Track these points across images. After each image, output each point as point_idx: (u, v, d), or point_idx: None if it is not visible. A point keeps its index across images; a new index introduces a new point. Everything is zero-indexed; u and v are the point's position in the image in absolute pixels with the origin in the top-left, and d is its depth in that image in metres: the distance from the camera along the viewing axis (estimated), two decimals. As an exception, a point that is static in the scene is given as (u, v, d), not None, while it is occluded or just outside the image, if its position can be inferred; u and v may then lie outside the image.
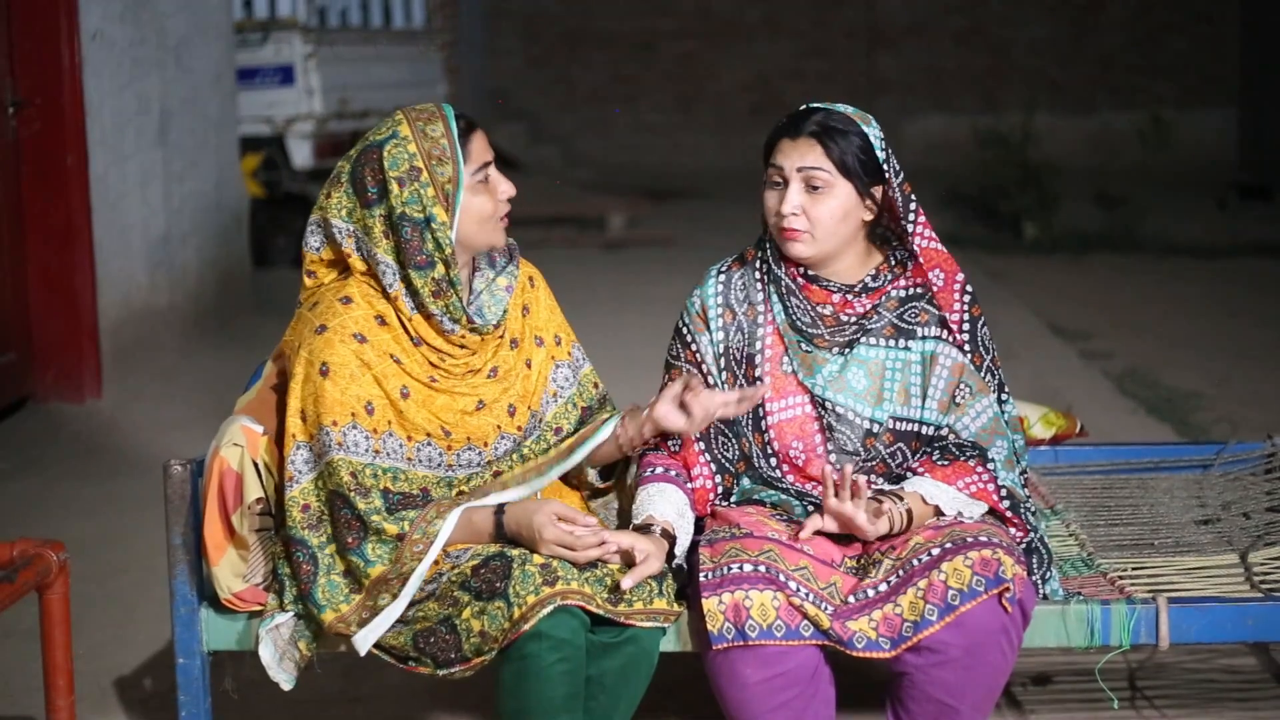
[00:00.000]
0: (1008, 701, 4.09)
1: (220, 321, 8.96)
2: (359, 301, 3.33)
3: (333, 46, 11.83)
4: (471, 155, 3.32)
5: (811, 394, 3.44)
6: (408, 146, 3.27)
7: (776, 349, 3.48)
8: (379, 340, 3.31)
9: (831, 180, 3.40)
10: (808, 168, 3.40)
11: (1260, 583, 3.63)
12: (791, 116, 3.48)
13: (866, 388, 3.44)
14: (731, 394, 3.38)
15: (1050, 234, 12.35)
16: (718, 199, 15.65)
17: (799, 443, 3.44)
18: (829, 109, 3.45)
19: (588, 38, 18.86)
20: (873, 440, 3.44)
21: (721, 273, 3.57)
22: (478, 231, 3.35)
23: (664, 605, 3.29)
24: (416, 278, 3.28)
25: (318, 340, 3.28)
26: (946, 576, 3.19)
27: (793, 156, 3.42)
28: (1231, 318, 9.63)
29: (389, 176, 3.26)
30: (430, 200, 3.26)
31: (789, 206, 3.41)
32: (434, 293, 3.29)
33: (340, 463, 3.24)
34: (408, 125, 3.30)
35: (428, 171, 3.26)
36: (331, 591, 3.28)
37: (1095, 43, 18.52)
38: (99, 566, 5.16)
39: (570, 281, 9.92)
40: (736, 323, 3.51)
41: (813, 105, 3.48)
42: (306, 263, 3.43)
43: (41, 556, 3.21)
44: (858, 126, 3.42)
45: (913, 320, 3.46)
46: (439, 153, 3.27)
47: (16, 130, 7.19)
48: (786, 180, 3.43)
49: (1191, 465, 4.47)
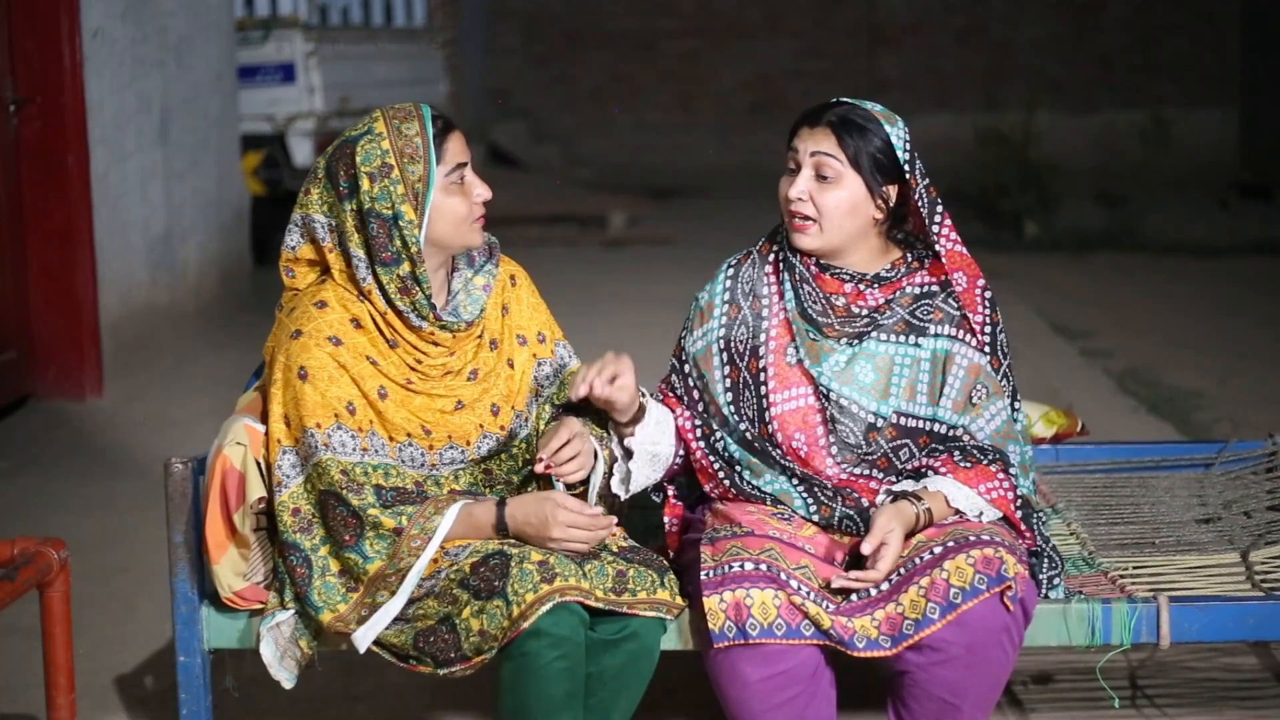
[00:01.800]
0: (1009, 700, 4.09)
1: (221, 320, 8.96)
2: (334, 305, 3.33)
3: (334, 45, 11.83)
4: (446, 156, 3.32)
5: (816, 385, 3.44)
6: (381, 143, 3.29)
7: (782, 339, 3.48)
8: (355, 343, 3.32)
9: (841, 171, 3.40)
10: (820, 153, 3.41)
11: (1261, 582, 3.63)
12: (817, 106, 3.50)
13: (873, 382, 3.43)
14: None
15: (1051, 233, 12.36)
16: (718, 198, 15.66)
17: (801, 434, 3.44)
18: (856, 104, 3.46)
19: (589, 36, 18.86)
20: (875, 434, 3.43)
21: (731, 267, 3.58)
22: (451, 232, 3.35)
23: (666, 597, 3.30)
24: (383, 274, 3.30)
25: (294, 345, 3.29)
26: (948, 574, 3.19)
27: (808, 142, 3.43)
28: (1232, 316, 9.63)
29: (360, 171, 3.28)
30: (399, 198, 3.27)
31: (796, 191, 3.42)
32: (400, 289, 3.31)
33: (330, 462, 3.24)
34: (384, 123, 3.32)
35: (399, 169, 3.28)
36: (327, 593, 3.28)
37: (1096, 42, 18.52)
38: (100, 564, 5.16)
39: (571, 280, 9.93)
40: (741, 316, 3.51)
41: (842, 99, 3.49)
42: (283, 260, 3.44)
43: (42, 554, 3.21)
44: (880, 126, 3.42)
45: (925, 317, 3.46)
46: (411, 151, 3.28)
47: (17, 129, 7.19)
48: (800, 166, 3.44)
49: (1193, 464, 4.46)
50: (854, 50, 18.62)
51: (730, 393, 3.49)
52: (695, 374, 3.54)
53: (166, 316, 8.31)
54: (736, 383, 3.49)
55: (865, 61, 18.54)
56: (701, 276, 3.63)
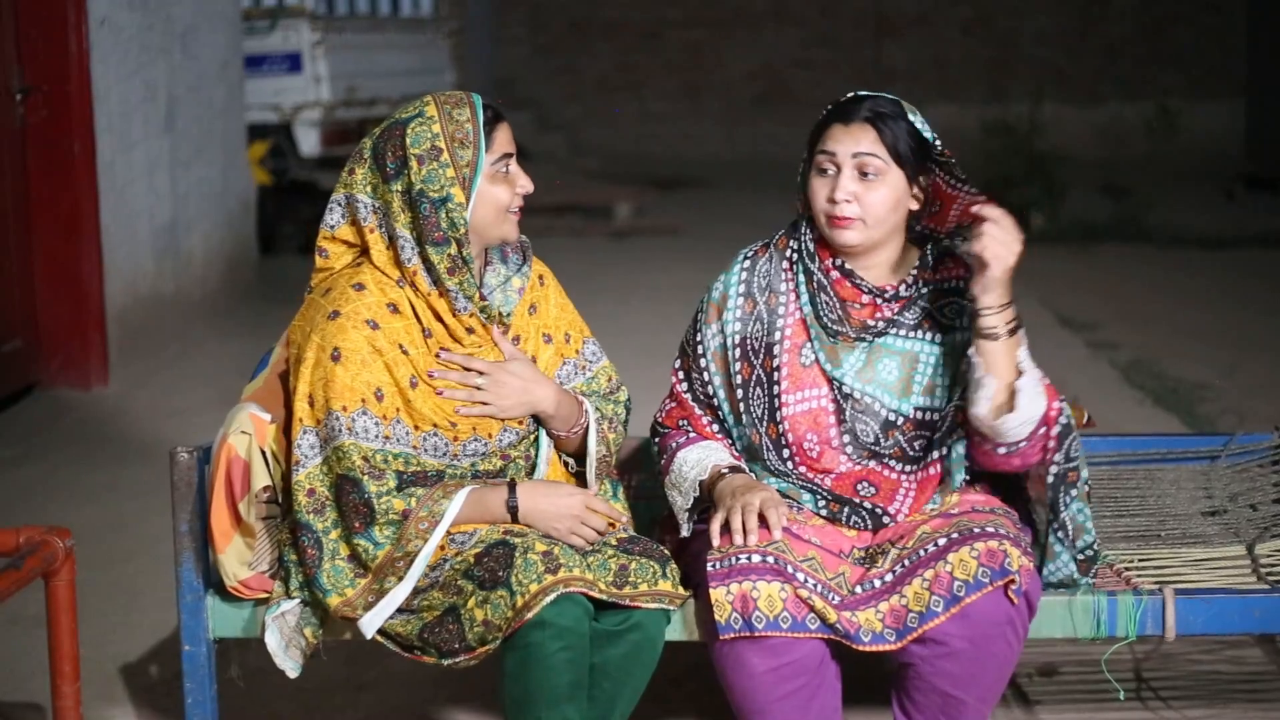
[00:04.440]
0: (1014, 693, 4.09)
1: (227, 309, 8.97)
2: (372, 288, 3.34)
3: (340, 34, 11.83)
4: (495, 144, 3.33)
5: (834, 385, 3.42)
6: (432, 126, 3.29)
7: (797, 339, 3.46)
8: (390, 328, 3.32)
9: (885, 167, 3.35)
10: (863, 153, 3.35)
11: (1267, 574, 3.63)
12: (841, 103, 3.42)
13: (897, 379, 3.42)
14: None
15: (1057, 224, 12.34)
16: (724, 188, 15.66)
17: (813, 435, 3.43)
18: (875, 95, 3.41)
19: (595, 26, 18.86)
20: (893, 431, 3.42)
21: (747, 259, 3.54)
22: (492, 221, 3.35)
23: (669, 588, 3.30)
24: (433, 253, 3.30)
25: (331, 325, 3.29)
26: (953, 567, 3.19)
27: (846, 142, 3.36)
28: (1239, 308, 9.62)
29: (410, 153, 3.28)
30: (449, 180, 3.28)
31: (843, 193, 3.35)
32: (449, 269, 3.31)
33: (351, 447, 3.24)
34: (435, 107, 3.32)
35: (449, 153, 3.28)
36: (336, 576, 3.28)
37: (1102, 33, 18.50)
38: (105, 553, 5.17)
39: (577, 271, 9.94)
40: (756, 313, 3.48)
41: (860, 93, 3.43)
42: (320, 238, 3.45)
43: (47, 543, 3.21)
44: (903, 111, 3.39)
45: (953, 315, 3.42)
46: (462, 136, 3.29)
47: (24, 117, 7.19)
48: (839, 166, 3.37)
49: (1198, 456, 4.45)
50: (859, 41, 18.61)
51: (741, 389, 3.47)
52: (710, 369, 3.52)
53: (172, 305, 8.31)
54: (748, 380, 3.47)
55: (871, 52, 18.53)
56: (707, 266, 3.62)
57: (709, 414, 3.54)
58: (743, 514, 3.27)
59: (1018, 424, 3.29)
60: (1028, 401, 3.29)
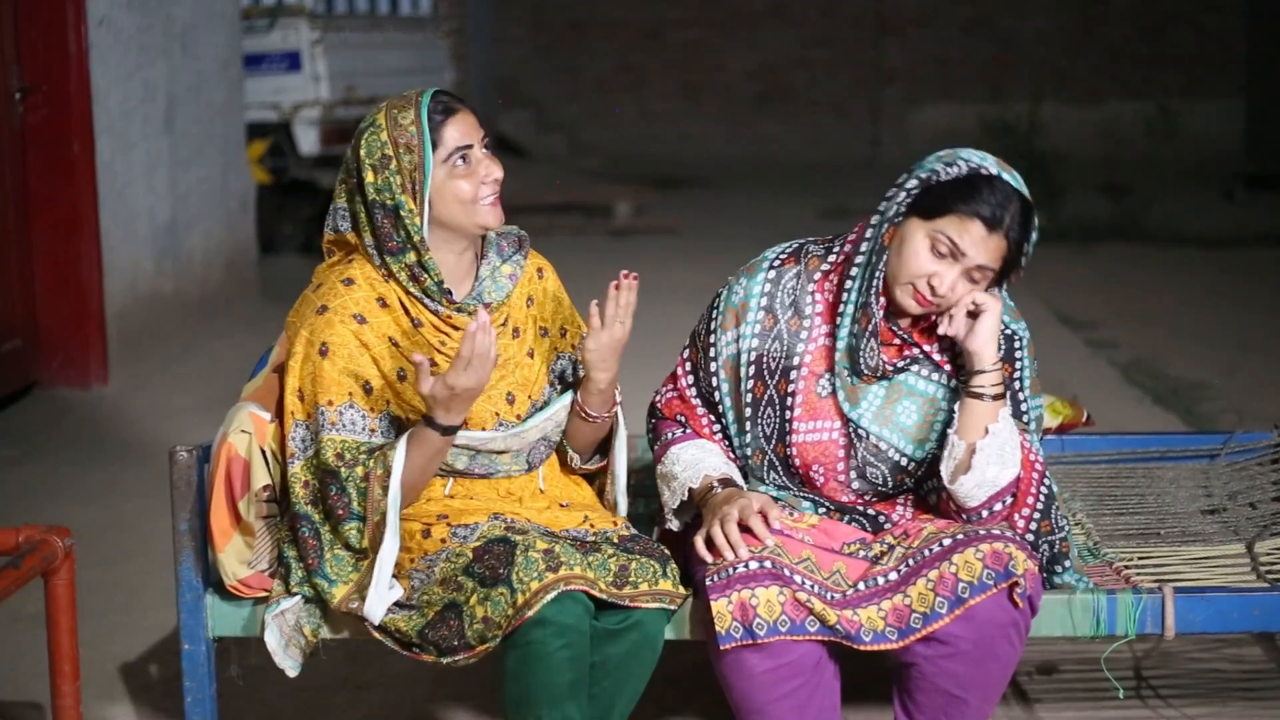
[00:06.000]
0: (1014, 691, 4.09)
1: (226, 308, 8.96)
2: (361, 283, 3.35)
3: (339, 33, 11.82)
4: (444, 140, 3.31)
5: (849, 423, 3.37)
6: (380, 135, 3.31)
7: (816, 367, 3.38)
8: (379, 322, 3.33)
9: (990, 276, 3.26)
10: (988, 268, 3.23)
11: (1266, 573, 3.63)
12: (988, 196, 3.20)
13: (915, 424, 3.36)
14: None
15: (1057, 223, 12.33)
16: (724, 187, 15.65)
17: (820, 466, 3.40)
18: (1021, 193, 3.22)
19: (594, 26, 18.84)
20: (902, 476, 3.39)
21: (773, 269, 3.44)
22: (460, 213, 3.33)
23: (669, 587, 3.30)
24: (392, 263, 3.32)
25: (319, 320, 3.31)
26: (957, 569, 3.18)
27: (981, 250, 3.20)
28: (1238, 308, 9.62)
29: (364, 164, 3.31)
30: (398, 188, 3.29)
31: (945, 288, 3.22)
32: (409, 277, 3.33)
33: (327, 443, 3.26)
34: (384, 114, 3.33)
35: (396, 160, 3.29)
36: (338, 565, 3.31)
37: (1102, 32, 18.49)
38: (104, 552, 5.17)
39: (576, 270, 9.87)
40: (776, 331, 3.41)
41: (1002, 176, 3.22)
42: (325, 241, 3.49)
43: (47, 542, 3.21)
44: (1034, 222, 3.25)
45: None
46: (405, 140, 3.29)
47: (23, 117, 7.19)
48: (957, 262, 3.22)
49: (1198, 455, 4.46)
50: (860, 40, 18.59)
51: (750, 407, 3.44)
52: (719, 374, 3.48)
53: (172, 305, 8.31)
54: (760, 399, 3.42)
55: (871, 51, 18.51)
56: (707, 266, 3.61)
57: (710, 413, 3.54)
58: (723, 528, 3.24)
59: (972, 486, 3.26)
60: (983, 463, 3.25)
